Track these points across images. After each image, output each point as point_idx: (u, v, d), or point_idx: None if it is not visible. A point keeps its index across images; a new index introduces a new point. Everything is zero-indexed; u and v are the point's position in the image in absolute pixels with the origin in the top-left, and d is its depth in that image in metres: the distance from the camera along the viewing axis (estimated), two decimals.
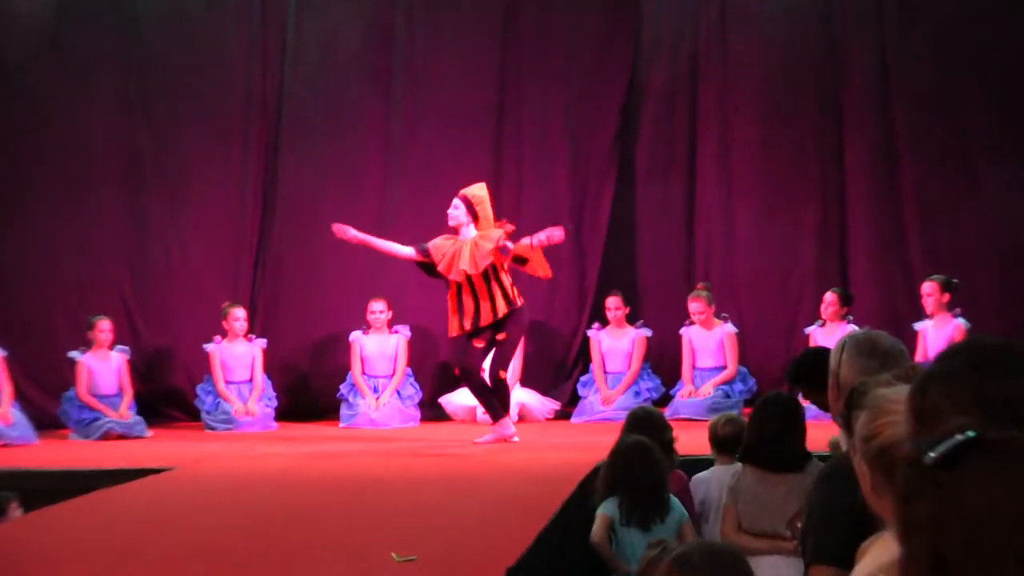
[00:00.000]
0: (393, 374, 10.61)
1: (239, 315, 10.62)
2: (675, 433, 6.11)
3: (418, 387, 10.73)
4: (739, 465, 5.64)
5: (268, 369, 10.81)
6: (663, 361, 10.87)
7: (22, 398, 9.92)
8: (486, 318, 8.51)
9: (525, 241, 8.38)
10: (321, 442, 9.30)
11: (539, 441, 8.91)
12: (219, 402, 10.48)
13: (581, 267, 11.24)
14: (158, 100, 10.98)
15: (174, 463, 7.77)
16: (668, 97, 11.26)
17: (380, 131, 11.13)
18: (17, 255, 10.73)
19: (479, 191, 8.63)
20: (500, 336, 8.49)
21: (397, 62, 11.03)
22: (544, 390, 10.82)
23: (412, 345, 10.72)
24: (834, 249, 11.01)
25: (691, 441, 6.68)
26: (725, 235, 11.23)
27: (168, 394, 11.05)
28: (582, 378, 10.87)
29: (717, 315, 10.65)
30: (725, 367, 10.52)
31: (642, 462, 5.51)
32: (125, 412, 9.99)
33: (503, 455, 7.98)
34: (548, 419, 10.54)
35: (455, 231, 8.60)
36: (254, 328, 10.99)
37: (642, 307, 11.13)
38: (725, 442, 6.09)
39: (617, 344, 10.63)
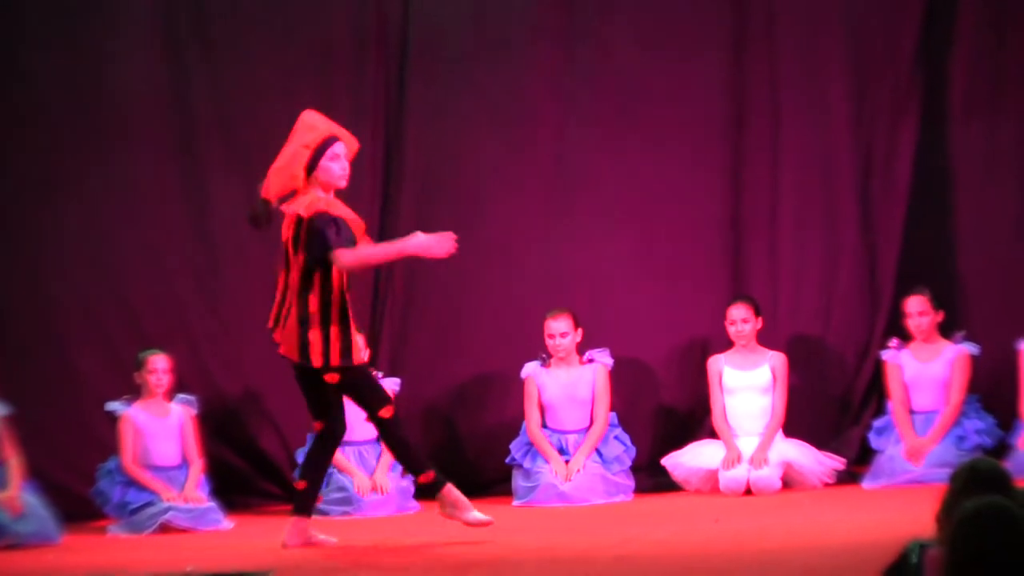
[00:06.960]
0: (590, 426, 9.39)
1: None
2: None
3: (628, 442, 9.40)
4: None
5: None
6: (999, 391, 9.48)
7: (40, 475, 8.74)
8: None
9: None
10: (491, 531, 8.25)
11: (817, 518, 8.18)
12: (331, 473, 9.06)
13: (870, 254, 9.92)
14: (216, 35, 9.74)
15: (266, 565, 6.96)
16: None
17: (556, 51, 9.86)
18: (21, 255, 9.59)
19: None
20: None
21: None
22: (820, 442, 9.64)
23: (616, 378, 9.47)
24: None
25: None
26: None
27: (253, 462, 9.78)
28: (876, 422, 9.59)
29: None
30: None
31: (1001, 537, 4.22)
32: (192, 491, 8.96)
33: (764, 541, 7.32)
34: (828, 484, 9.48)
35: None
36: (377, 361, 9.60)
37: (964, 312, 9.80)
38: None
39: (927, 369, 9.48)
